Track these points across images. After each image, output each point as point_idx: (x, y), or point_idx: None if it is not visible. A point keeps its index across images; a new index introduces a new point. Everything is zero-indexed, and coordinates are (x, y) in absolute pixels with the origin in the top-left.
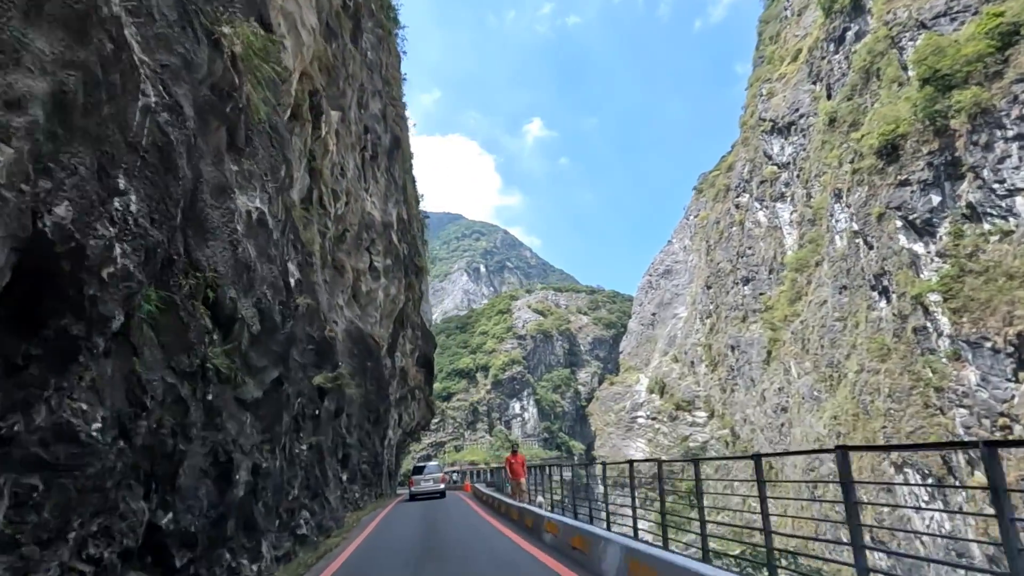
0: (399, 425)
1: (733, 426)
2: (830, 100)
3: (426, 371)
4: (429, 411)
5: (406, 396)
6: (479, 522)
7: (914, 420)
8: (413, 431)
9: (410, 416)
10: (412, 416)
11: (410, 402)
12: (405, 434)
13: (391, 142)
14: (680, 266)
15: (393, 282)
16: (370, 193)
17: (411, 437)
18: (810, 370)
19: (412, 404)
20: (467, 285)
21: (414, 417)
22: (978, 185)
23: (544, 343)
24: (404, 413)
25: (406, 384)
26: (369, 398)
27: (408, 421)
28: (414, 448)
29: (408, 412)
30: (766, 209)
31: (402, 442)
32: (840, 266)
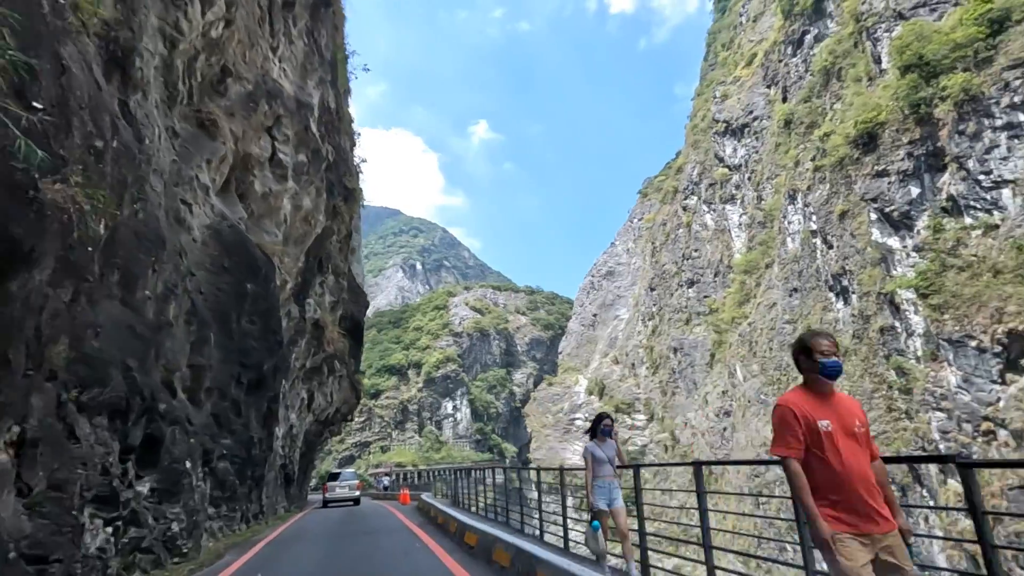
0: (308, 408)
1: (673, 430)
2: (786, 102)
3: (353, 341)
4: (354, 395)
5: (321, 367)
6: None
7: (877, 424)
8: (332, 420)
9: (326, 398)
10: (329, 398)
11: (326, 377)
12: (321, 424)
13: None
14: (623, 268)
15: (308, 191)
16: (278, 55)
17: (329, 429)
18: (757, 373)
19: (330, 381)
20: (402, 282)
21: (332, 400)
22: (962, 176)
23: (481, 341)
24: (318, 392)
25: (321, 348)
26: (245, 344)
27: (324, 405)
28: (336, 448)
29: (324, 391)
30: (714, 212)
31: (317, 435)
32: (792, 268)
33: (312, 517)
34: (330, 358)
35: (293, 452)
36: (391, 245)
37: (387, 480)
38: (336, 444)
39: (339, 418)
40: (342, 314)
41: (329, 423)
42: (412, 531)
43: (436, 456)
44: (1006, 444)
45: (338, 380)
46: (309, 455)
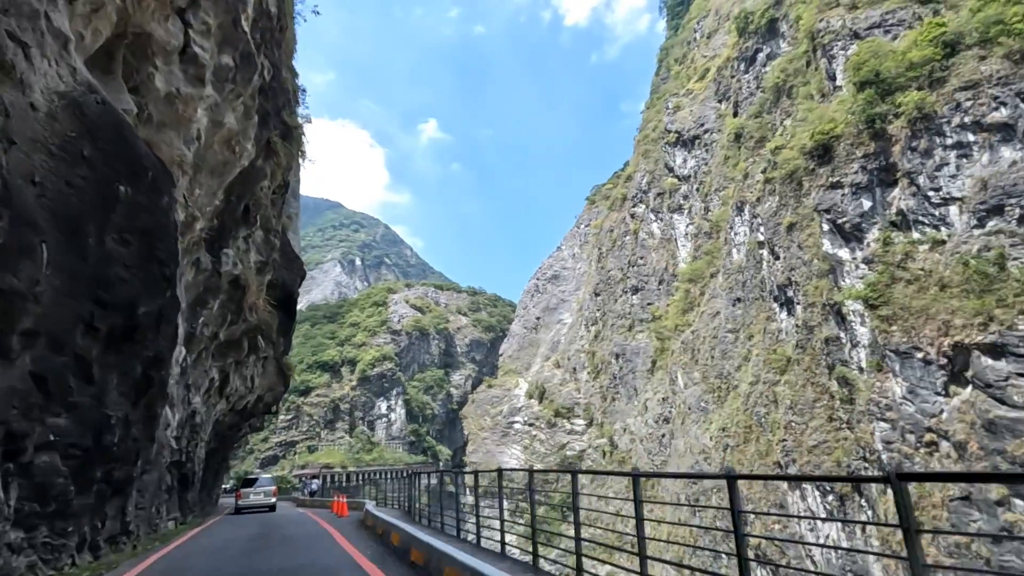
0: (221, 393)
1: (612, 435)
2: (737, 117)
3: (283, 316)
4: (282, 382)
5: (240, 341)
6: None
7: (817, 434)
8: (253, 411)
9: (246, 382)
10: (250, 383)
11: (247, 355)
12: (238, 414)
13: None
14: (568, 272)
15: (233, 106)
16: None
17: (250, 423)
18: (699, 380)
19: (252, 362)
20: (340, 277)
21: (253, 386)
22: (912, 192)
23: (420, 341)
24: (235, 373)
25: (241, 316)
26: (107, 272)
27: (242, 391)
28: (258, 447)
29: (243, 373)
30: (661, 221)
31: (233, 428)
32: (736, 278)
33: (212, 534)
34: (253, 332)
35: (195, 447)
36: (330, 238)
37: (315, 484)
38: (258, 442)
39: (262, 409)
40: (272, 281)
41: (249, 414)
42: (364, 571)
43: (367, 457)
44: (948, 456)
45: (262, 362)
46: (222, 452)
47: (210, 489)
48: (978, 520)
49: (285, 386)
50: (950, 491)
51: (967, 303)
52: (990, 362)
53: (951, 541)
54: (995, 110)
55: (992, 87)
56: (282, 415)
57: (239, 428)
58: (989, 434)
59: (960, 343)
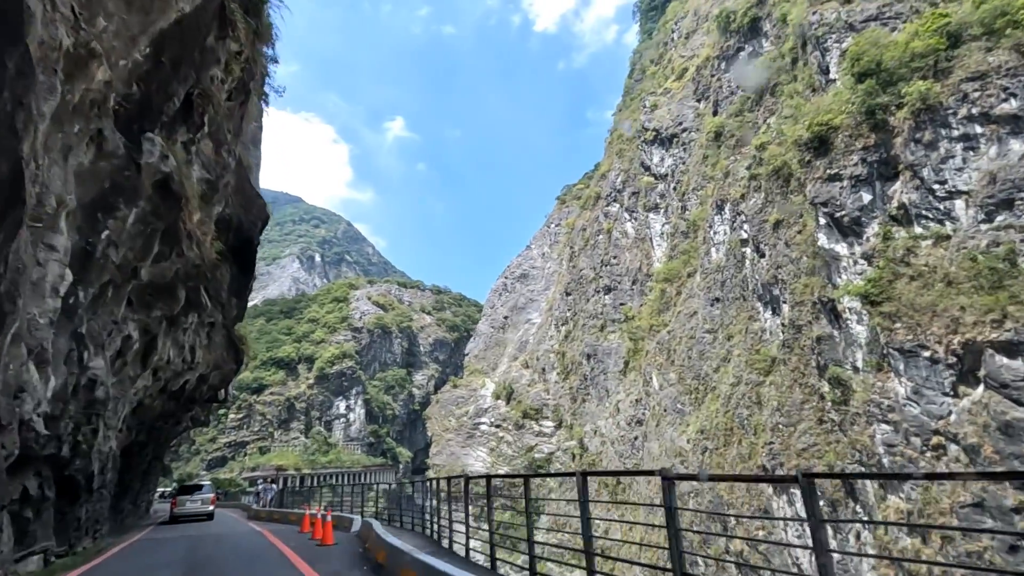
0: (144, 363)
1: (582, 437)
2: (717, 116)
3: (236, 267)
4: (233, 358)
5: (174, 289)
6: None
7: (807, 436)
8: (194, 395)
9: (183, 352)
10: (188, 352)
11: (184, 313)
12: (174, 399)
13: None
14: (537, 272)
15: None
16: None
17: (191, 413)
18: (675, 382)
19: (193, 325)
20: (298, 273)
21: (195, 359)
22: (915, 185)
23: (382, 339)
24: (166, 337)
25: (177, 247)
26: None
27: (179, 365)
28: (205, 447)
29: (179, 340)
30: (636, 220)
31: (168, 418)
32: (715, 278)
33: None
34: (194, 278)
35: (93, 435)
36: (289, 233)
37: (272, 491)
38: (206, 442)
39: (206, 395)
40: (223, 217)
41: (189, 400)
42: None
43: (323, 459)
44: (957, 459)
45: (207, 329)
46: (152, 448)
47: (135, 497)
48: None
49: (237, 365)
50: (960, 497)
51: (978, 299)
52: (1005, 361)
53: (962, 550)
54: (1004, 101)
55: (1001, 78)
56: (232, 413)
57: (176, 419)
58: (1005, 437)
59: (971, 341)
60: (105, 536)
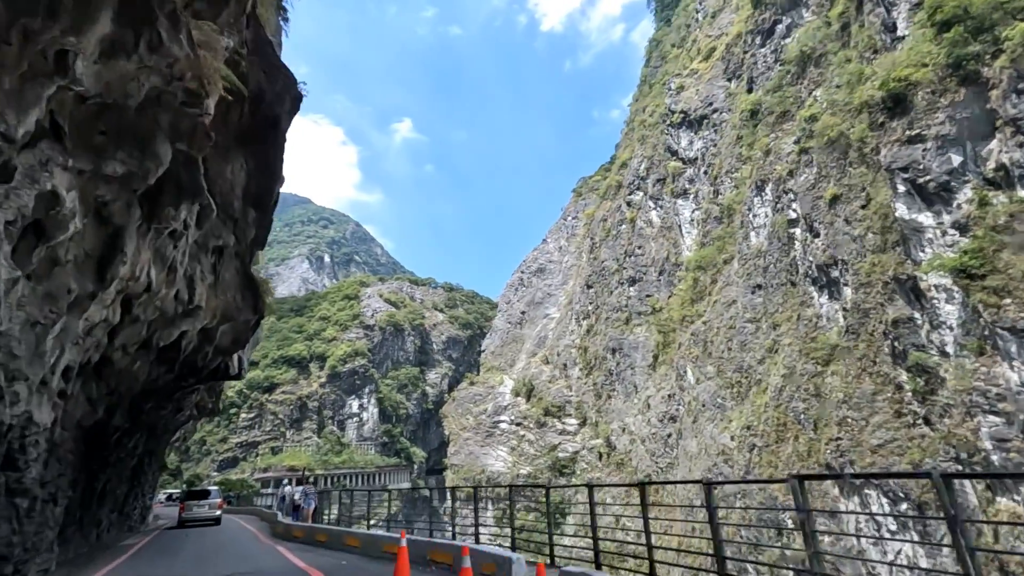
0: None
1: (609, 435)
2: (751, 93)
3: (255, 163)
4: (249, 303)
5: (146, 129)
6: None
7: (882, 432)
8: (196, 360)
9: (176, 283)
10: (183, 281)
11: (175, 211)
12: (164, 360)
13: None
14: (554, 266)
15: None
16: None
17: (192, 390)
18: (713, 375)
19: (186, 233)
20: (307, 273)
21: (192, 291)
22: (1017, 143)
23: (394, 336)
24: (143, 239)
25: (152, 37)
26: None
27: (166, 297)
28: (215, 448)
29: (164, 251)
30: (661, 208)
31: (161, 393)
32: (755, 263)
33: None
34: (183, 136)
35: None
36: (298, 234)
37: (298, 494)
38: (216, 443)
39: (213, 362)
40: (233, 62)
41: (191, 369)
42: None
43: (336, 459)
44: None
45: (212, 256)
46: (145, 440)
47: (121, 502)
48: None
49: (255, 319)
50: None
51: None
52: None
53: None
54: None
55: None
56: (244, 413)
57: (176, 403)
58: None
59: None
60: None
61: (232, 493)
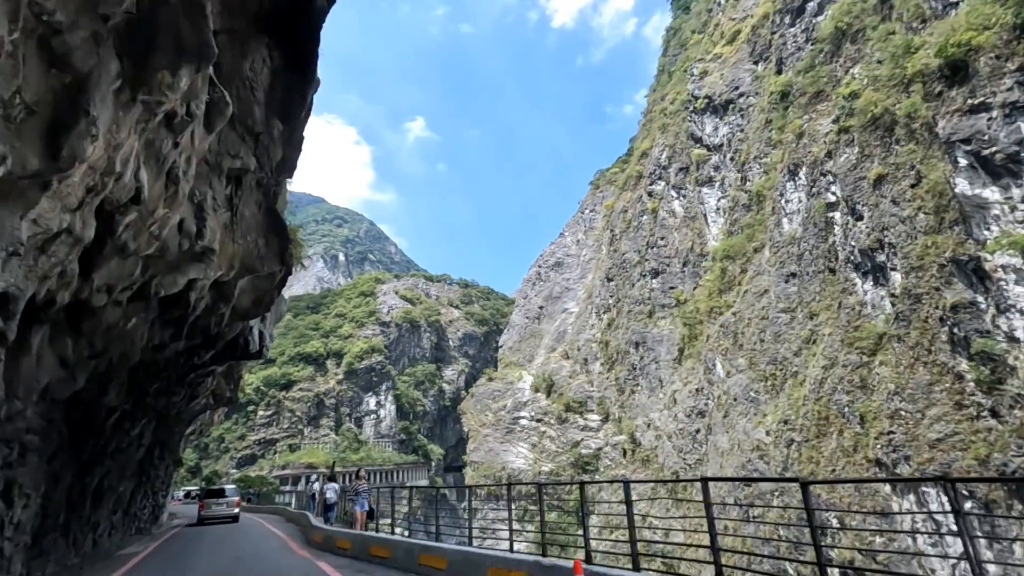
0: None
1: (633, 431)
2: (781, 75)
3: (283, 60)
4: (274, 250)
5: None
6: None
7: (941, 425)
8: (209, 326)
9: (179, 200)
10: (191, 209)
11: (172, 77)
12: (170, 323)
13: None
14: (572, 259)
15: None
16: None
17: (205, 367)
18: (745, 368)
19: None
20: (322, 272)
21: (202, 225)
22: None
23: (410, 333)
24: (123, 110)
25: None
26: None
27: (167, 224)
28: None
29: (160, 146)
30: (684, 197)
31: (168, 371)
32: (788, 251)
33: None
34: None
35: None
36: (312, 233)
37: (330, 492)
38: (235, 440)
39: (229, 331)
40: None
41: (203, 337)
42: None
43: (354, 457)
44: None
45: (229, 182)
46: (153, 429)
47: (123, 500)
48: None
49: (283, 270)
50: None
51: None
52: None
53: None
54: None
55: None
56: (261, 410)
57: (191, 388)
58: None
59: None
60: None
61: (252, 490)
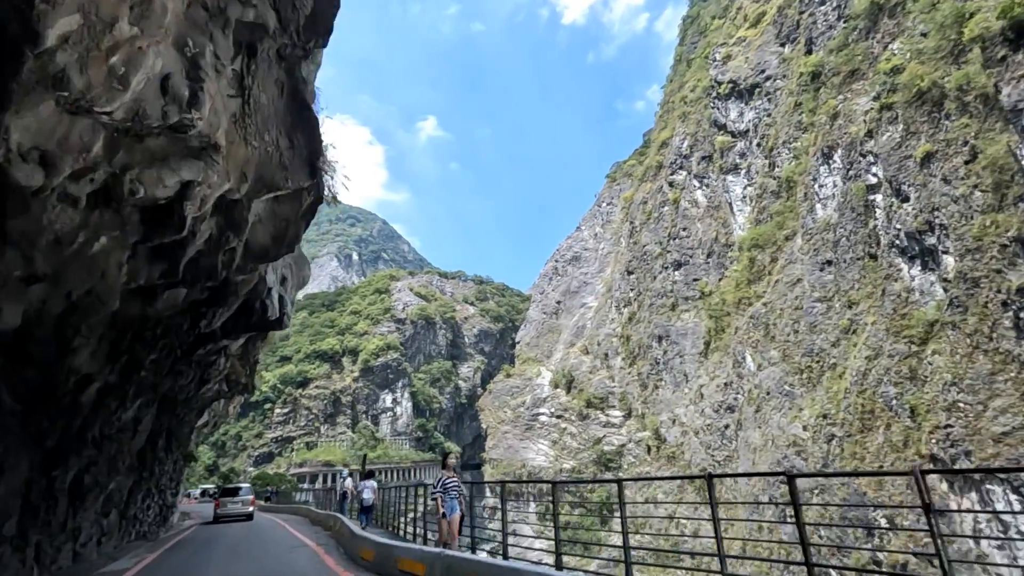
0: None
1: (658, 427)
2: (811, 55)
3: None
4: (302, 163)
5: None
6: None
7: (1007, 417)
8: (214, 260)
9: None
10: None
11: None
12: (159, 253)
13: None
14: (590, 254)
15: None
16: None
17: (210, 335)
18: (777, 360)
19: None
20: (336, 272)
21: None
22: None
23: (425, 330)
24: None
25: None
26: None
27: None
28: (251, 443)
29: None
30: (707, 187)
31: (186, 349)
32: (823, 238)
33: None
34: None
35: None
36: (326, 233)
37: (367, 491)
38: (252, 438)
39: (240, 263)
40: None
41: (207, 280)
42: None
43: (371, 455)
44: None
45: (241, 52)
46: (159, 415)
47: (121, 503)
48: None
49: (313, 187)
50: None
51: None
52: None
53: None
54: None
55: None
56: (278, 408)
57: (194, 355)
58: None
59: None
60: None
61: (271, 488)
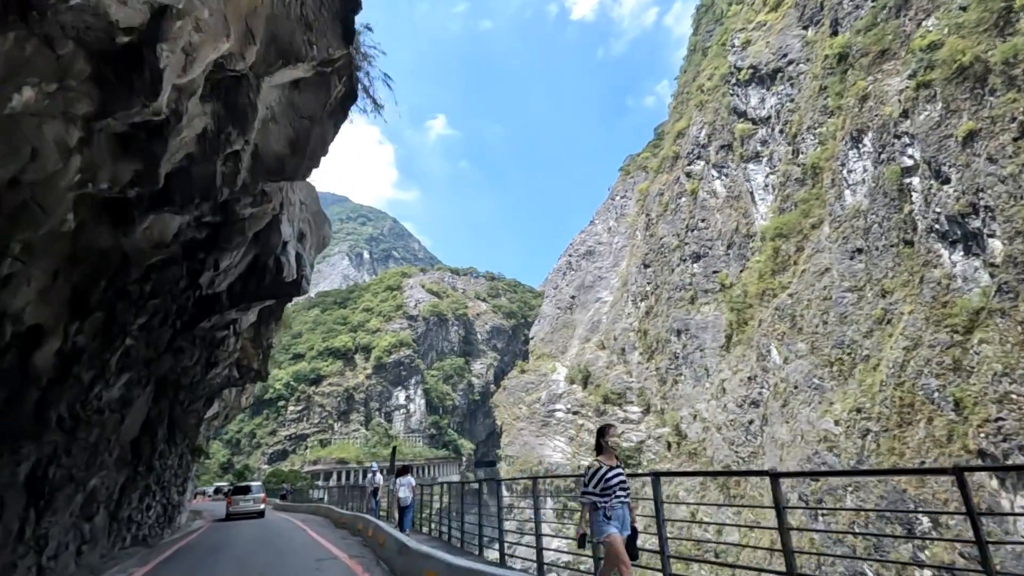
0: None
1: (678, 423)
2: (836, 36)
3: None
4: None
5: None
6: None
7: None
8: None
9: None
10: None
11: None
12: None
13: None
14: (604, 248)
15: None
16: None
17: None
18: (805, 353)
19: None
20: (348, 270)
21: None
22: None
23: (438, 327)
24: None
25: None
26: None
27: None
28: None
29: None
30: (726, 176)
31: (185, 319)
32: (853, 225)
33: None
34: None
35: None
36: (337, 232)
37: (403, 490)
38: (266, 435)
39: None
40: None
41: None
42: None
43: (384, 452)
44: None
45: None
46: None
47: (111, 504)
48: None
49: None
50: None
51: None
52: None
53: None
54: None
55: None
56: (292, 405)
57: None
58: None
59: None
60: None
61: (287, 485)
